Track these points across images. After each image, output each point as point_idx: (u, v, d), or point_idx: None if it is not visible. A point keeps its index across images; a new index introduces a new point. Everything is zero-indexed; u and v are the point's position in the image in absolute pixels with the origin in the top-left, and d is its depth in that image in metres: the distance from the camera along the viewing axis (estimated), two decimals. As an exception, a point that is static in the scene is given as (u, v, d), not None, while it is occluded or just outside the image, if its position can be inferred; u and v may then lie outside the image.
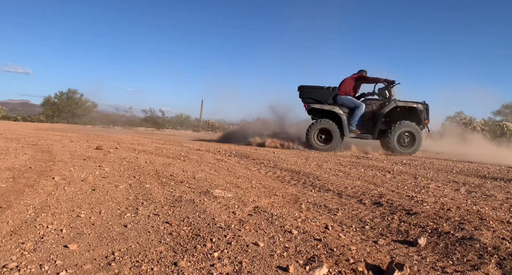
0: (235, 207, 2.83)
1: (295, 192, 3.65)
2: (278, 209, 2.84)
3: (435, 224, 2.54)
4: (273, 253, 1.90)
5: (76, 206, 2.67)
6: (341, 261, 1.85)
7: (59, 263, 1.72)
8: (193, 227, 2.30)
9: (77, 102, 32.92)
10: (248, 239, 2.09)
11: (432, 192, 3.75)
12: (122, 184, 3.46)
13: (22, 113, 48.29)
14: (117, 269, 1.67)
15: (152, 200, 2.94)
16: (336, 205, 3.15)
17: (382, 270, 1.78)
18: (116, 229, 2.23)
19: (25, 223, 2.27)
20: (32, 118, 31.35)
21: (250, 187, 3.74)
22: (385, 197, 3.41)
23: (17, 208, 2.54)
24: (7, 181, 3.32)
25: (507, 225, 2.51)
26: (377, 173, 5.07)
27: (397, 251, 2.09)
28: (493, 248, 2.07)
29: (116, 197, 2.98)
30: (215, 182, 3.87)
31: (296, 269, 1.73)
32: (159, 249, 1.92)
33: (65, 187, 3.23)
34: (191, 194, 3.23)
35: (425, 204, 3.11)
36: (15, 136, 8.40)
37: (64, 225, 2.26)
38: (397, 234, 2.42)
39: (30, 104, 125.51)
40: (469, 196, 3.60)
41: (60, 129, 13.93)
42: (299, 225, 2.43)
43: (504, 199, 3.48)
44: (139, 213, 2.57)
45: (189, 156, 6.15)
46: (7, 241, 1.96)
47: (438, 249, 2.12)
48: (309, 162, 6.07)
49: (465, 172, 5.47)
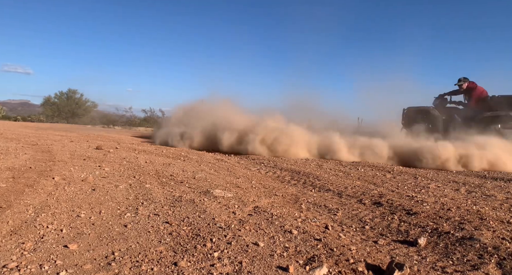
0: (235, 207, 2.83)
1: (295, 192, 3.65)
2: (278, 209, 2.84)
3: (435, 224, 2.54)
4: (273, 253, 1.90)
5: (76, 206, 2.67)
6: (341, 261, 1.85)
7: (59, 263, 1.73)
8: (193, 227, 2.30)
9: (77, 102, 32.92)
10: (248, 239, 2.09)
11: (432, 192, 3.75)
12: (122, 184, 3.46)
13: (22, 113, 48.32)
14: (117, 269, 1.67)
15: (152, 200, 2.94)
16: (336, 205, 3.15)
17: (382, 270, 1.78)
18: (116, 229, 2.23)
19: (25, 223, 2.27)
20: (32, 118, 31.36)
21: (250, 187, 3.74)
22: (385, 197, 3.41)
23: (17, 208, 2.54)
24: (7, 181, 3.32)
25: (507, 225, 2.51)
26: (377, 173, 5.08)
27: (397, 251, 2.09)
28: (493, 248, 2.07)
29: (116, 197, 2.98)
30: (215, 182, 3.87)
31: (296, 269, 1.73)
32: (159, 249, 1.92)
33: (65, 187, 3.23)
34: (191, 194, 3.23)
35: (425, 204, 3.11)
36: (15, 136, 8.40)
37: (64, 225, 2.26)
38: (397, 234, 2.42)
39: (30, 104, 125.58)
40: (469, 196, 3.60)
41: (60, 129, 13.94)
42: (299, 225, 2.43)
43: (504, 199, 3.48)
44: (139, 213, 2.57)
45: (189, 156, 6.15)
46: (7, 241, 1.96)
47: (438, 249, 2.12)
48: (309, 162, 6.07)
49: (465, 172, 5.48)
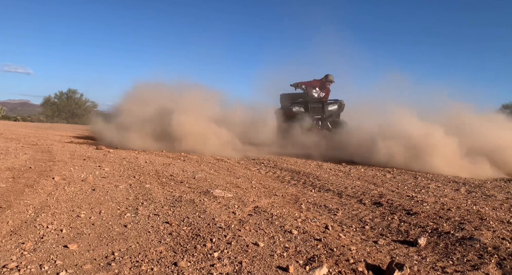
0: (235, 207, 2.83)
1: (295, 192, 3.65)
2: (278, 209, 2.84)
3: (435, 224, 2.54)
4: (273, 253, 1.90)
5: (76, 206, 2.67)
6: (341, 261, 1.85)
7: (59, 263, 1.73)
8: (193, 227, 2.30)
9: (77, 102, 32.93)
10: (248, 239, 2.09)
11: (432, 192, 3.75)
12: (122, 184, 3.46)
13: (22, 113, 48.38)
14: (117, 269, 1.67)
15: (152, 200, 2.94)
16: (336, 205, 3.15)
17: (382, 270, 1.78)
18: (116, 229, 2.23)
19: (25, 223, 2.27)
20: (32, 118, 31.35)
21: (250, 187, 3.74)
22: (385, 197, 3.41)
23: (17, 208, 2.54)
24: (7, 181, 3.32)
25: (507, 225, 2.51)
26: (377, 173, 5.08)
27: (397, 251, 2.09)
28: (493, 248, 2.07)
29: (116, 197, 2.98)
30: (215, 182, 3.87)
31: (296, 269, 1.73)
32: (159, 249, 1.92)
33: (65, 187, 3.23)
34: (191, 194, 3.23)
35: (425, 204, 3.11)
36: (15, 136, 8.39)
37: (64, 225, 2.26)
38: (397, 234, 2.42)
39: (30, 104, 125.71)
40: (469, 196, 3.60)
41: (60, 129, 13.94)
42: (299, 225, 2.43)
43: (504, 199, 3.49)
44: (139, 213, 2.57)
45: (189, 156, 6.15)
46: (7, 241, 1.97)
47: (438, 249, 2.13)
48: (309, 162, 6.07)
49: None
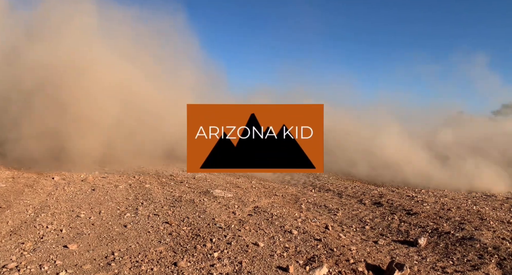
0: (235, 207, 2.83)
1: (295, 192, 3.65)
2: (278, 209, 2.84)
3: (435, 224, 2.54)
4: (273, 253, 1.90)
5: (75, 206, 2.67)
6: (341, 261, 1.85)
7: (59, 263, 1.73)
8: (193, 227, 2.30)
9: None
10: (248, 239, 2.09)
11: (432, 192, 3.75)
12: (122, 184, 3.46)
13: (22, 113, 48.12)
14: (117, 269, 1.67)
15: (152, 200, 2.94)
16: (336, 205, 3.15)
17: (382, 270, 1.78)
18: (116, 229, 2.23)
19: (24, 223, 2.27)
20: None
21: (250, 187, 3.74)
22: (385, 197, 3.42)
23: (17, 208, 2.54)
24: (7, 181, 3.32)
25: (507, 225, 2.51)
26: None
27: (397, 251, 2.09)
28: (493, 248, 2.07)
29: (116, 197, 2.98)
30: (215, 182, 3.86)
31: (296, 269, 1.73)
32: (159, 249, 1.92)
33: (65, 187, 3.23)
34: (191, 194, 3.23)
35: (425, 204, 3.11)
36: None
37: (64, 225, 2.26)
38: (397, 234, 2.42)
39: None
40: (469, 196, 3.61)
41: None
42: (299, 225, 2.42)
43: (504, 199, 3.49)
44: (139, 213, 2.57)
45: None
46: (7, 241, 1.96)
47: (438, 249, 2.13)
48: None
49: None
